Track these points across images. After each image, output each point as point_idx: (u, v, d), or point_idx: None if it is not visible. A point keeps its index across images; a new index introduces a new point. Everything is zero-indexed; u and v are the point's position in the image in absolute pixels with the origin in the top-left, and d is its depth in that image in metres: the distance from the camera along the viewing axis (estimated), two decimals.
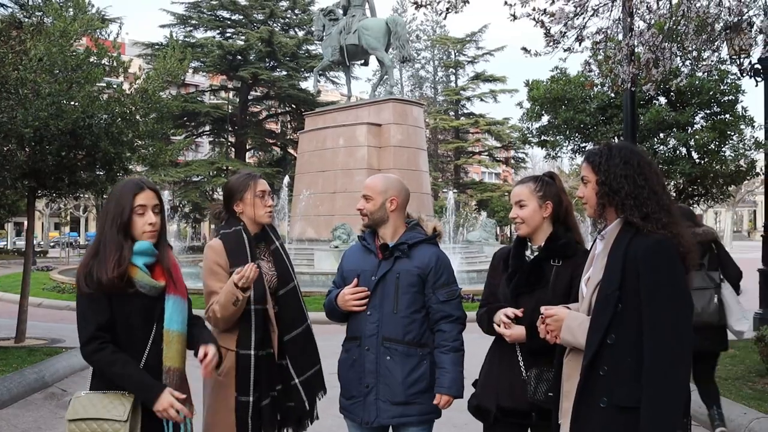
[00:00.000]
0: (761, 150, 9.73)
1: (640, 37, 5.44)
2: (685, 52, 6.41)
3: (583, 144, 11.26)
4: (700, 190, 10.71)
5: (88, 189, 8.83)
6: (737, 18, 5.38)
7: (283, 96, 37.38)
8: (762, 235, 10.00)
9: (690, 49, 5.93)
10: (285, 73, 37.15)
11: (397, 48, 20.23)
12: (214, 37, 37.34)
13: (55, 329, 9.61)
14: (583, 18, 5.36)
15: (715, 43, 5.97)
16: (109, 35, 9.29)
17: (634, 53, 5.70)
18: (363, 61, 22.33)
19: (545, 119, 11.53)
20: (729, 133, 10.07)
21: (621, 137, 9.15)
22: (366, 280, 3.01)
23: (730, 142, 10.17)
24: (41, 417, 5.60)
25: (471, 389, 2.94)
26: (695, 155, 10.28)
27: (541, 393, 2.58)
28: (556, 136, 11.39)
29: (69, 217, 46.05)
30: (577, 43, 5.43)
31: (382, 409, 2.92)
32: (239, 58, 36.61)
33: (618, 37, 6.09)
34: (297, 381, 3.08)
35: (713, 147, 10.02)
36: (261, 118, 41.09)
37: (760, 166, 10.40)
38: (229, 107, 38.99)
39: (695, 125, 10.48)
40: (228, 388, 2.97)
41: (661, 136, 10.41)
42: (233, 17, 38.37)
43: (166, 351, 2.47)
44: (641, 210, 2.23)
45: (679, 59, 6.69)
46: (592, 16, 5.40)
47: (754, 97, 14.45)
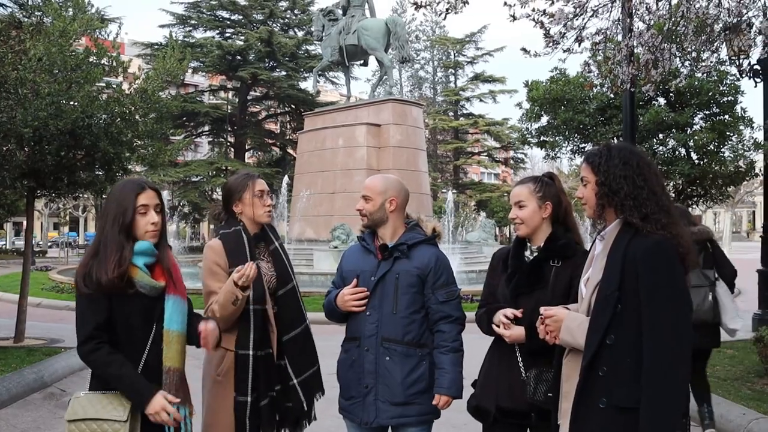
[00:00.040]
0: (760, 151, 9.73)
1: (639, 38, 5.44)
2: (684, 53, 6.41)
3: (583, 145, 11.26)
4: (699, 190, 10.71)
5: (88, 189, 8.83)
6: (736, 19, 5.38)
7: (282, 96, 37.39)
8: (761, 236, 10.01)
9: (689, 50, 5.93)
10: (284, 73, 37.16)
11: (397, 48, 20.23)
12: (214, 37, 37.35)
13: (54, 329, 9.60)
14: (583, 19, 5.37)
15: (715, 44, 5.98)
16: (108, 35, 9.29)
17: (634, 54, 5.71)
18: (362, 61, 22.32)
19: (544, 120, 11.53)
20: (728, 133, 10.08)
21: (620, 138, 9.16)
22: (365, 280, 3.01)
23: (729, 142, 10.17)
24: (40, 417, 5.60)
25: (470, 390, 2.94)
26: (694, 156, 10.28)
27: (541, 393, 2.58)
28: (556, 137, 11.39)
29: (68, 217, 46.05)
30: (576, 43, 5.44)
31: (382, 410, 2.92)
32: (239, 58, 36.61)
33: (617, 38, 6.09)
34: (295, 381, 3.08)
35: (712, 148, 10.02)
36: (260, 118, 41.10)
37: (759, 166, 10.40)
38: (229, 107, 38.96)
39: (694, 126, 10.49)
40: (227, 388, 2.97)
41: (660, 136, 10.42)
42: (233, 17, 38.39)
43: (166, 351, 2.47)
44: (640, 211, 2.23)
45: (678, 60, 6.71)
46: (591, 16, 5.41)
47: (753, 98, 14.43)
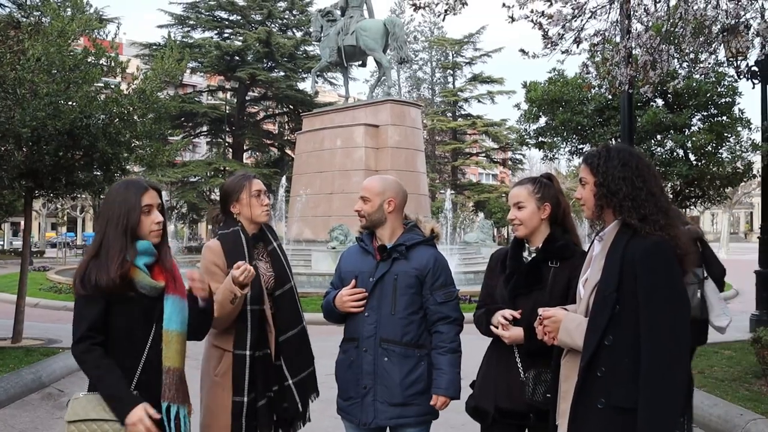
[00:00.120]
0: (758, 152, 9.75)
1: (637, 40, 5.46)
2: (682, 55, 6.42)
3: (581, 146, 11.25)
4: (697, 191, 10.71)
5: (86, 189, 8.82)
6: (734, 20, 5.38)
7: (280, 97, 37.37)
8: (759, 237, 10.03)
9: (687, 51, 5.94)
10: (283, 73, 37.13)
11: (395, 49, 20.22)
12: (212, 37, 37.29)
13: (51, 329, 9.59)
14: (581, 20, 5.38)
15: (713, 46, 5.98)
16: (106, 35, 9.26)
17: (632, 55, 5.72)
18: (361, 62, 22.31)
19: (543, 121, 11.52)
20: (726, 135, 10.07)
21: (618, 139, 9.16)
22: (364, 281, 3.01)
23: (727, 144, 10.17)
24: (38, 417, 5.59)
25: (468, 390, 2.94)
26: (692, 157, 10.28)
27: (540, 394, 2.59)
28: (554, 138, 11.38)
29: (66, 218, 45.95)
30: (574, 45, 5.45)
31: (380, 411, 2.92)
32: (237, 58, 36.57)
33: (615, 39, 6.10)
34: (291, 382, 3.07)
35: (710, 149, 10.02)
36: (258, 118, 41.06)
37: (757, 168, 10.41)
38: (227, 108, 38.91)
39: (692, 127, 10.49)
40: (224, 388, 2.97)
41: (658, 137, 10.41)
42: (231, 18, 38.34)
43: (165, 351, 2.46)
44: (639, 212, 2.24)
45: (676, 61, 6.71)
46: (589, 18, 5.42)
47: (751, 99, 14.46)
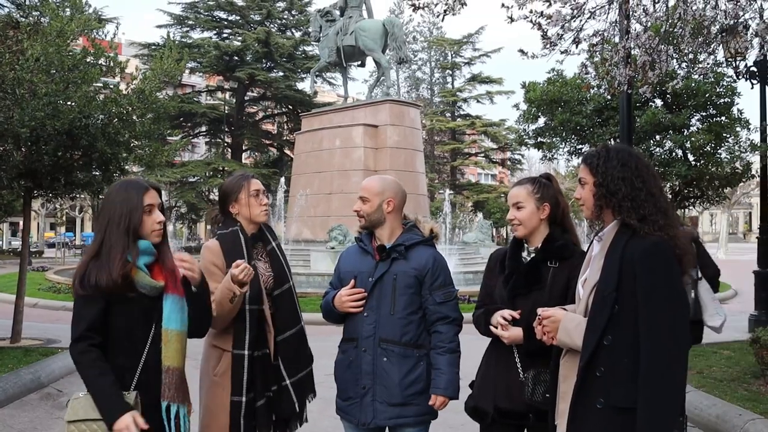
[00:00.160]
0: (757, 152, 9.76)
1: (636, 40, 5.46)
2: (681, 55, 6.43)
3: (580, 146, 11.26)
4: (696, 192, 10.73)
5: (85, 189, 8.81)
6: (733, 21, 5.39)
7: (279, 97, 37.38)
8: (757, 237, 10.04)
9: (686, 51, 5.94)
10: (282, 74, 37.15)
11: (394, 49, 20.23)
12: (211, 37, 37.31)
13: (50, 329, 9.58)
14: (580, 20, 5.38)
15: (711, 46, 5.99)
16: (105, 35, 9.25)
17: (631, 56, 5.72)
18: (360, 62, 22.31)
19: (542, 121, 11.53)
20: (725, 135, 10.09)
21: (617, 139, 9.17)
22: (363, 281, 3.01)
23: (726, 144, 10.18)
24: (37, 417, 5.59)
25: (467, 390, 2.94)
26: (691, 157, 10.29)
27: (539, 394, 2.58)
28: (553, 138, 11.40)
29: (65, 218, 45.92)
30: (573, 45, 5.46)
31: (379, 411, 2.92)
32: (236, 58, 36.58)
33: (614, 40, 6.10)
34: (288, 382, 3.07)
35: (709, 149, 10.03)
36: (257, 118, 41.08)
37: (756, 168, 10.42)
38: (226, 108, 38.93)
39: (691, 127, 10.50)
40: (223, 388, 2.97)
41: (657, 138, 10.42)
42: (230, 18, 38.36)
43: (165, 350, 2.46)
44: (638, 212, 2.24)
45: (675, 62, 6.71)
46: (588, 18, 5.42)
47: (749, 99, 14.51)
